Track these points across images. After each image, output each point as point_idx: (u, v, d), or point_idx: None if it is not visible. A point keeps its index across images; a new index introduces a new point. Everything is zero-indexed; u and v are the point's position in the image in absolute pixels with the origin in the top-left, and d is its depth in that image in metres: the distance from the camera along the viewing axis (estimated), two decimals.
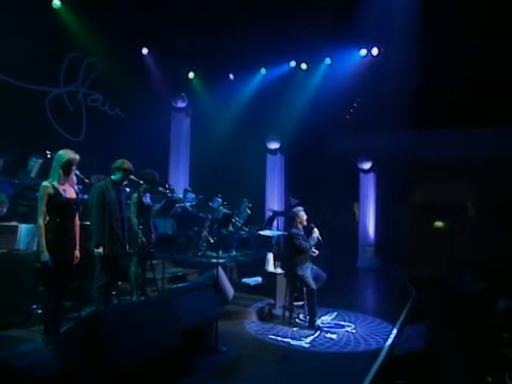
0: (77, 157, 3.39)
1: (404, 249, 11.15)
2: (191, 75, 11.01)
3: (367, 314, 5.66)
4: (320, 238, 5.15)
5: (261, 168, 11.33)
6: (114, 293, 4.44)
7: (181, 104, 11.00)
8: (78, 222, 3.52)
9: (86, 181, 3.89)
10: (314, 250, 5.18)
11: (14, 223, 4.31)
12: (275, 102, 10.82)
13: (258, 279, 6.25)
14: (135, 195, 4.80)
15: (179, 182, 10.47)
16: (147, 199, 4.95)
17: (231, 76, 11.24)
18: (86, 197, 4.34)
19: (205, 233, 7.01)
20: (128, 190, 4.90)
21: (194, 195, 7.75)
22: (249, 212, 8.41)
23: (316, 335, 4.68)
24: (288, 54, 10.59)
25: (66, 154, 3.34)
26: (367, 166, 11.13)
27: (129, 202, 4.80)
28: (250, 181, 10.62)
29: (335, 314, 5.57)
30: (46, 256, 3.19)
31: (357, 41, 9.90)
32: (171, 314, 2.96)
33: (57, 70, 8.61)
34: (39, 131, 7.92)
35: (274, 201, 10.97)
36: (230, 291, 4.82)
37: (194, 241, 7.02)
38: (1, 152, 6.32)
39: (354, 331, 4.87)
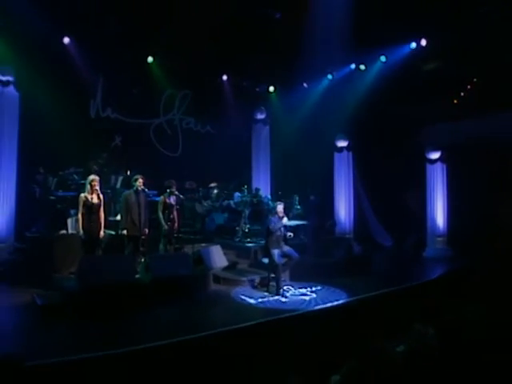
0: (96, 177, 5.95)
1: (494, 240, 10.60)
2: (271, 89, 12.91)
3: (343, 289, 6.71)
4: (286, 224, 6.56)
5: (330, 166, 12.43)
6: (142, 260, 6.87)
7: (260, 116, 12.94)
8: (102, 215, 6.07)
9: (182, 197, 7.11)
10: (288, 233, 6.60)
11: None
12: (341, 103, 11.83)
13: None
14: (161, 197, 7.12)
15: (261, 183, 12.45)
16: (170, 200, 7.18)
17: (305, 85, 12.74)
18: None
19: (242, 224, 8.97)
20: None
21: (240, 194, 9.70)
22: (298, 207, 9.90)
23: (273, 298, 6.18)
24: (348, 59, 11.49)
25: (90, 176, 5.95)
26: (436, 155, 11.00)
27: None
28: (320, 179, 11.95)
29: (318, 287, 6.80)
30: (81, 233, 5.84)
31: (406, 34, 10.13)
32: (130, 266, 5.26)
33: (157, 105, 11.79)
34: (147, 153, 11.15)
35: (342, 197, 11.93)
36: (219, 263, 6.72)
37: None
38: (117, 171, 9.51)
39: (307, 298, 6.17)
